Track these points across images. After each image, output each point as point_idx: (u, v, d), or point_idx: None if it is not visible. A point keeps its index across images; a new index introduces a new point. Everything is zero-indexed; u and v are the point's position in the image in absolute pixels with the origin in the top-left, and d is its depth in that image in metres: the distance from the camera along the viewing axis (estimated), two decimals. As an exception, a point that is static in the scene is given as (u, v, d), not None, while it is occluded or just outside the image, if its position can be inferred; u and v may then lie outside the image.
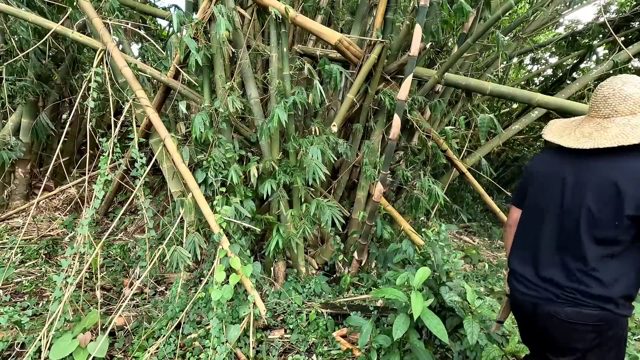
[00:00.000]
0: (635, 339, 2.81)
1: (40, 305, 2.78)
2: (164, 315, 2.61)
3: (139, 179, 2.74)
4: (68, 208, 4.39)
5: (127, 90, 3.15)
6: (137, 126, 3.24)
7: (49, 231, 4.00)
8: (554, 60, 6.77)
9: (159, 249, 2.66)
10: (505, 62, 5.61)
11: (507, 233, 1.60)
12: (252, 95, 3.14)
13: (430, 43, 3.33)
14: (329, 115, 3.75)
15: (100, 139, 2.81)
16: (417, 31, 2.64)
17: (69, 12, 3.26)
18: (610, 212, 1.18)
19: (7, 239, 3.71)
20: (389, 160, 2.87)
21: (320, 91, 2.86)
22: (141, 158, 2.77)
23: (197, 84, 3.34)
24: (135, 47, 5.58)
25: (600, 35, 5.43)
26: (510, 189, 7.34)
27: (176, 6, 4.18)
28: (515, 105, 7.75)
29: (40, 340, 2.11)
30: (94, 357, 2.10)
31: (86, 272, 2.59)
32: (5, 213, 4.17)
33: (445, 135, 3.51)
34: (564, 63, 6.39)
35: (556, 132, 1.39)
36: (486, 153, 4.17)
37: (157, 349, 2.34)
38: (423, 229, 2.63)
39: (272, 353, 2.46)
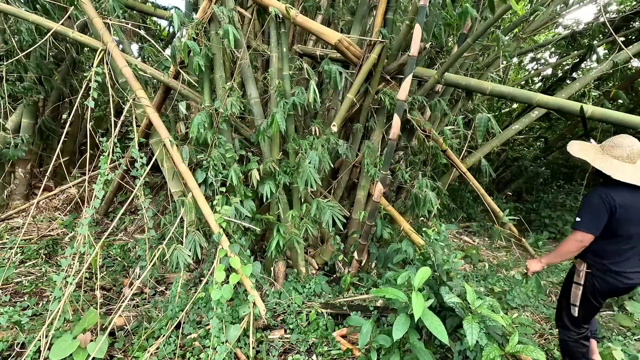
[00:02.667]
0: (635, 339, 2.81)
1: (40, 305, 2.78)
2: (164, 315, 2.60)
3: (139, 179, 2.74)
4: (68, 208, 4.39)
5: (128, 90, 3.15)
6: (137, 126, 3.24)
7: (49, 231, 4.00)
8: (553, 60, 6.77)
9: (159, 249, 2.66)
10: (505, 62, 5.62)
11: (572, 250, 2.01)
12: (252, 95, 3.14)
13: (430, 43, 3.32)
14: (329, 115, 3.75)
15: (101, 139, 2.81)
16: (417, 31, 2.64)
17: (69, 12, 3.26)
18: None
19: (7, 239, 3.71)
20: (389, 160, 2.87)
21: (316, 93, 2.86)
22: (141, 158, 2.77)
23: (197, 84, 3.34)
24: (135, 47, 5.58)
25: (600, 35, 5.44)
26: (510, 189, 7.33)
27: (176, 7, 4.18)
28: (515, 105, 7.75)
29: (40, 340, 2.11)
30: (93, 357, 2.10)
31: (86, 272, 2.59)
32: (5, 213, 4.17)
33: (445, 135, 3.51)
34: (564, 63, 6.40)
35: (628, 176, 1.84)
36: (486, 153, 4.17)
37: (157, 349, 2.34)
38: (423, 229, 2.62)
39: (272, 353, 2.46)
